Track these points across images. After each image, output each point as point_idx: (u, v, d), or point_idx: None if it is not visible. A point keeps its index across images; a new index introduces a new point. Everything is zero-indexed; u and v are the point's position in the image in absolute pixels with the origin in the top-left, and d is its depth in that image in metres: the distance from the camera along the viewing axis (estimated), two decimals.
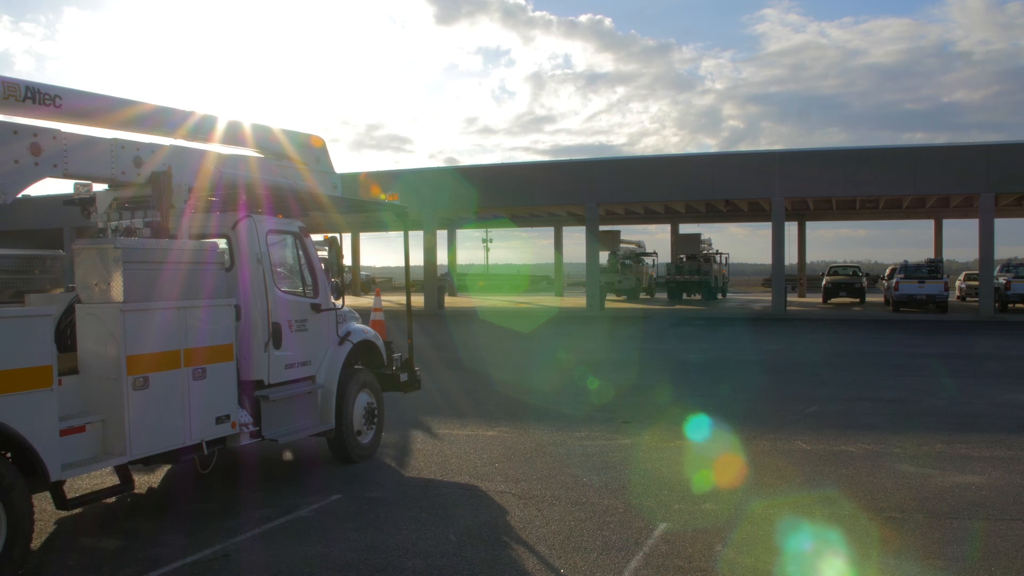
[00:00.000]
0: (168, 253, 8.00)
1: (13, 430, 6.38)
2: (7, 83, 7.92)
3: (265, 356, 9.20)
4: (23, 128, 7.93)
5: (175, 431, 7.91)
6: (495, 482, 9.53)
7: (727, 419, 13.17)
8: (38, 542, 7.53)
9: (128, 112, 8.90)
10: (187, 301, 8.01)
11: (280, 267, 9.87)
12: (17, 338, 6.51)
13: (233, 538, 7.88)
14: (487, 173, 44.55)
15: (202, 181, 9.31)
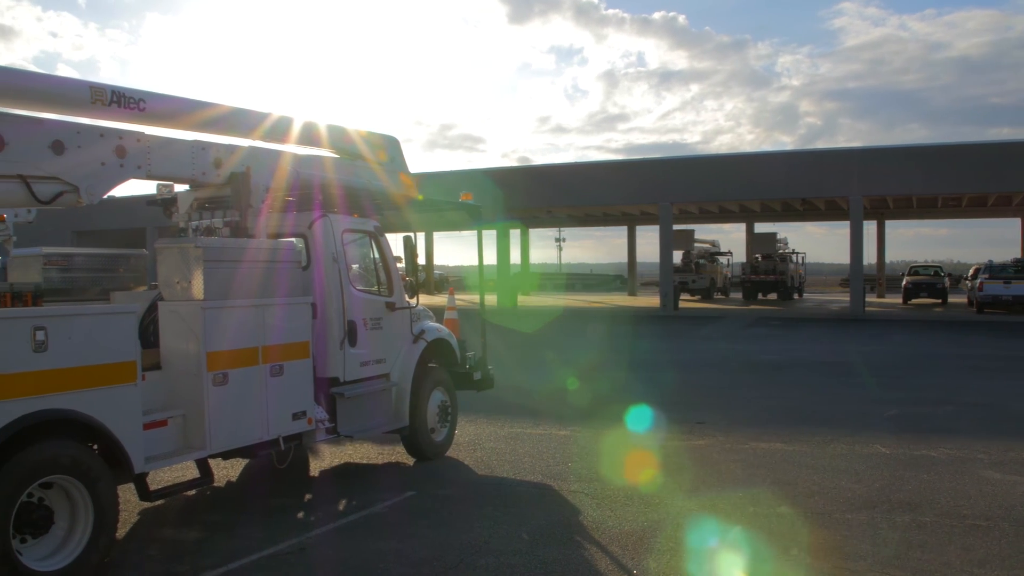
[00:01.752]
0: (247, 252, 8.15)
1: (99, 423, 6.57)
2: (94, 88, 8.15)
3: (341, 354, 9.31)
4: (109, 131, 8.15)
5: (253, 426, 8.06)
6: (568, 481, 9.51)
7: (803, 421, 12.96)
8: (122, 532, 7.73)
9: (207, 114, 9.08)
10: (265, 299, 8.15)
11: (355, 266, 9.99)
12: (103, 334, 6.70)
13: (308, 532, 8.00)
14: (560, 172, 44.53)
15: (279, 181, 9.46)
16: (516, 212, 46.00)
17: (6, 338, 6.02)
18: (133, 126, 8.41)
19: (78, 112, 8.13)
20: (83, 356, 6.47)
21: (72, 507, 6.50)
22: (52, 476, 6.32)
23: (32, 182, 7.53)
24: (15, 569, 5.99)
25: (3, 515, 5.94)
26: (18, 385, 6.02)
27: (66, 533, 6.48)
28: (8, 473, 5.98)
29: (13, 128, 7.44)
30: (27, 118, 7.66)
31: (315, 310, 8.98)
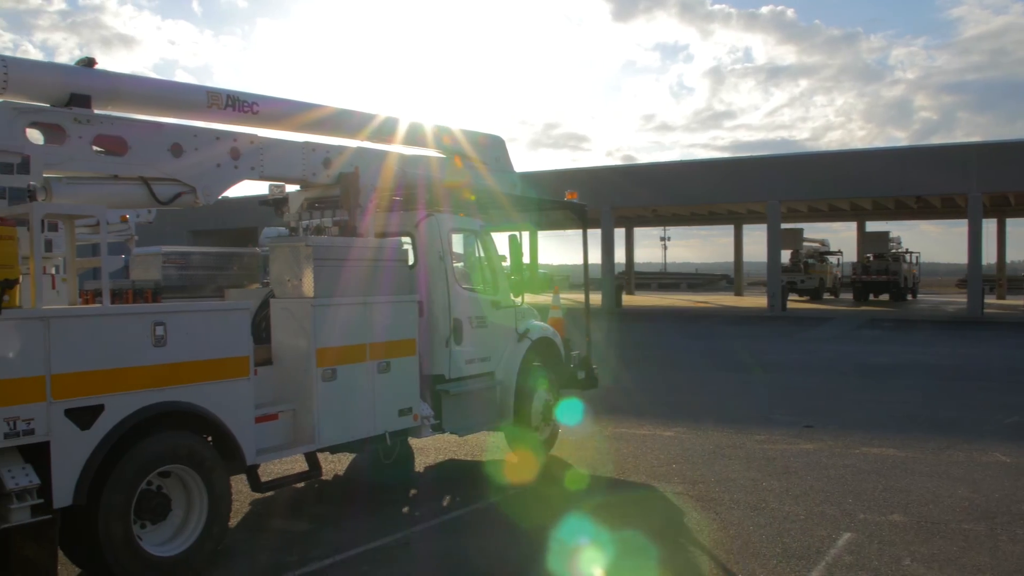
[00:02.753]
0: (355, 251, 8.31)
1: (214, 416, 6.79)
2: (210, 92, 8.44)
3: (446, 351, 9.41)
4: (224, 134, 8.43)
5: (360, 422, 8.21)
6: (672, 483, 9.42)
7: (917, 427, 12.56)
8: (234, 521, 7.97)
9: (316, 115, 9.29)
10: (373, 297, 8.30)
11: (461, 264, 10.08)
12: (218, 330, 6.92)
13: (413, 527, 8.12)
14: (665, 171, 44.11)
15: (386, 181, 9.62)
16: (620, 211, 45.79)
17: (129, 333, 6.29)
18: (247, 128, 8.68)
19: (195, 116, 8.43)
20: (199, 351, 6.70)
21: (188, 496, 6.75)
22: (170, 465, 6.58)
23: (152, 183, 7.83)
24: (136, 553, 6.26)
25: (125, 501, 6.20)
26: (139, 378, 6.28)
27: (182, 520, 6.74)
28: (130, 462, 6.24)
29: (135, 132, 7.74)
30: (148, 122, 7.97)
31: (421, 308, 9.10)
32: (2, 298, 5.59)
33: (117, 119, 7.74)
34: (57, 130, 7.30)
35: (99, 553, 6.13)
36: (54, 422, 5.80)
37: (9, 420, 5.57)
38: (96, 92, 7.59)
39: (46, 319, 5.83)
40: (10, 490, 5.54)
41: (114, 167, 7.70)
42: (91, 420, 6.00)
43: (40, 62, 7.74)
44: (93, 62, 7.76)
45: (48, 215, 6.75)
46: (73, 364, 5.91)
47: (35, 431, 5.71)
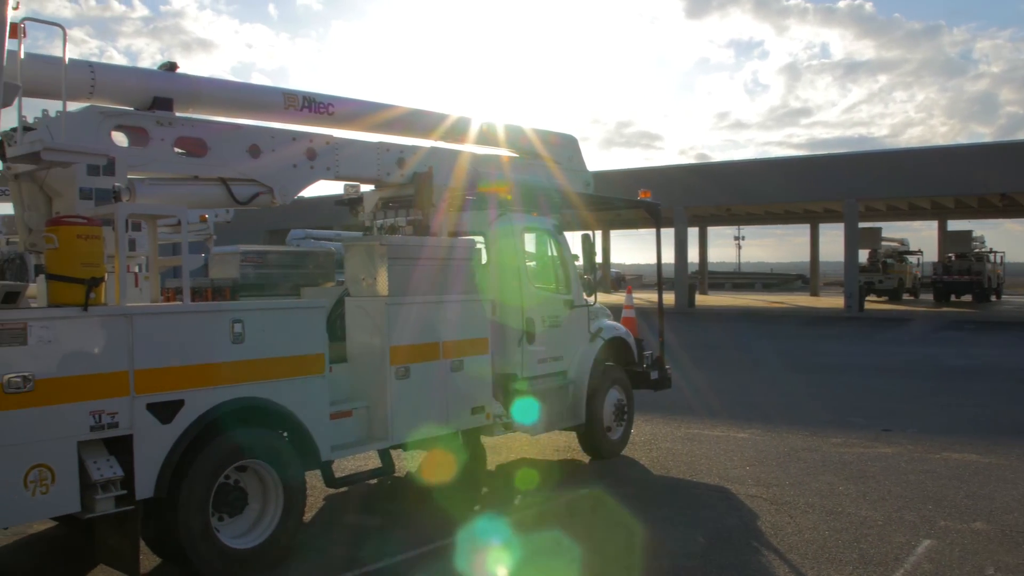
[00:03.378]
0: (429, 250, 8.38)
1: (290, 412, 6.91)
2: (287, 94, 8.60)
3: (519, 350, 9.43)
4: (300, 134, 8.58)
5: (433, 419, 8.27)
6: (746, 485, 9.30)
7: (1001, 432, 12.20)
8: (309, 516, 8.09)
9: (390, 116, 9.41)
10: (446, 296, 8.35)
11: (534, 264, 10.09)
12: (294, 327, 7.04)
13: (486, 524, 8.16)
14: (740, 169, 43.57)
15: (459, 180, 9.68)
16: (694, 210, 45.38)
17: (209, 330, 6.44)
18: (322, 129, 8.81)
19: (272, 117, 8.60)
20: (276, 348, 6.83)
21: (264, 490, 6.88)
22: (247, 460, 6.71)
23: (231, 184, 8.01)
24: (213, 545, 6.40)
25: (203, 494, 6.35)
26: (218, 374, 6.43)
27: (258, 514, 6.86)
28: (209, 456, 6.38)
29: (215, 134, 7.93)
30: (227, 124, 8.15)
31: (494, 307, 9.13)
32: (89, 295, 5.77)
33: (197, 121, 7.94)
34: (141, 133, 7.51)
35: (179, 544, 6.28)
36: (137, 416, 5.96)
37: (95, 413, 5.75)
38: (178, 95, 7.79)
39: (130, 316, 6.00)
40: (95, 481, 5.71)
41: (194, 168, 7.90)
42: (172, 415, 6.16)
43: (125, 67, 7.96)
44: (175, 66, 7.96)
45: (132, 215, 6.94)
46: (155, 360, 6.07)
47: (119, 424, 5.88)
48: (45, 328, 5.56)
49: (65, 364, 5.65)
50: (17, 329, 5.43)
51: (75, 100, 7.17)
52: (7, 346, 5.39)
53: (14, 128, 6.49)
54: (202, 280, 8.67)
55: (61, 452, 5.62)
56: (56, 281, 5.86)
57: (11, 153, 6.53)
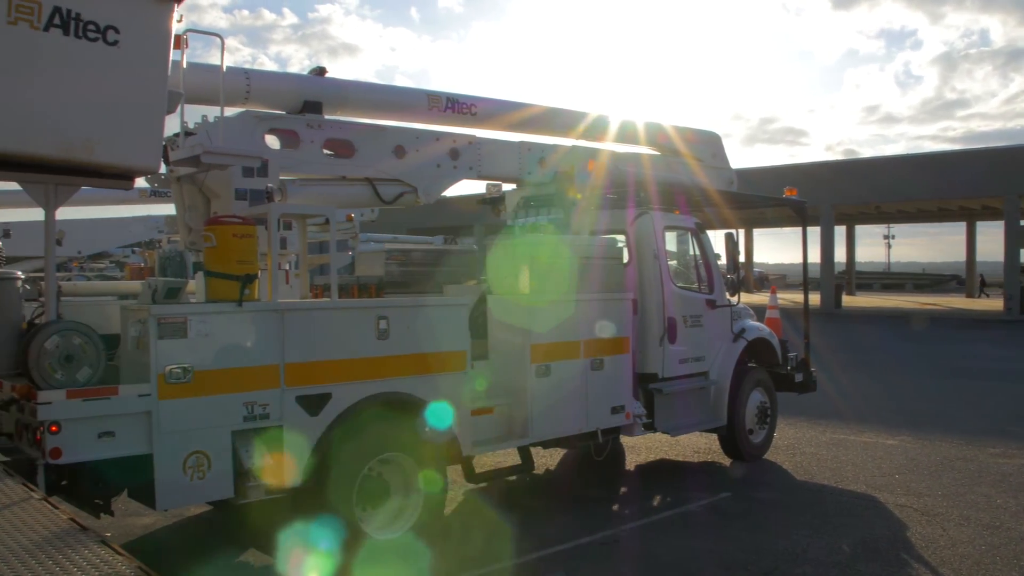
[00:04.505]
0: (570, 249, 8.38)
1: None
2: (431, 95, 8.77)
3: (660, 350, 9.35)
4: (444, 135, 8.74)
5: (573, 418, 8.27)
6: (895, 494, 8.95)
7: None
8: (449, 509, 8.18)
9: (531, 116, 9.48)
10: (587, 294, 8.34)
11: (674, 263, 9.98)
12: (437, 324, 7.15)
13: (622, 525, 8.11)
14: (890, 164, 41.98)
15: (599, 178, 9.65)
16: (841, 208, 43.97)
17: (355, 326, 6.61)
18: (465, 129, 8.95)
19: (416, 118, 8.79)
20: (419, 344, 6.96)
21: (406, 483, 7.01)
22: (390, 453, 6.86)
23: (377, 184, 8.22)
24: (358, 535, 6.57)
25: (349, 486, 6.53)
26: (364, 369, 6.60)
27: (400, 506, 7.00)
28: (355, 448, 6.56)
29: (362, 136, 8.16)
30: (373, 126, 8.37)
31: (635, 306, 9.07)
32: (243, 291, 6.02)
33: (345, 123, 8.19)
34: (292, 135, 7.80)
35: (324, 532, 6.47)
36: (286, 408, 6.18)
37: (248, 404, 5.99)
38: (327, 99, 8.05)
39: (281, 311, 6.23)
40: (248, 469, 5.95)
41: (342, 169, 8.15)
42: (319, 407, 6.36)
43: (277, 73, 8.29)
44: (324, 71, 8.23)
45: (284, 215, 7.19)
46: (304, 354, 6.28)
47: (269, 416, 6.11)
48: (203, 322, 5.83)
49: (221, 357, 5.91)
50: (178, 323, 5.71)
51: (232, 105, 7.50)
52: (169, 339, 5.67)
53: (177, 133, 6.84)
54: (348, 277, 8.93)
55: (217, 440, 5.88)
56: (213, 278, 6.14)
57: (174, 157, 6.89)
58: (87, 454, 5.47)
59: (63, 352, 5.68)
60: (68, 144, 5.40)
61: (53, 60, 5.28)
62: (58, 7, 5.22)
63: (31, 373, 5.60)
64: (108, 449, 5.54)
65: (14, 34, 5.10)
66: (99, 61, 5.44)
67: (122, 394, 5.59)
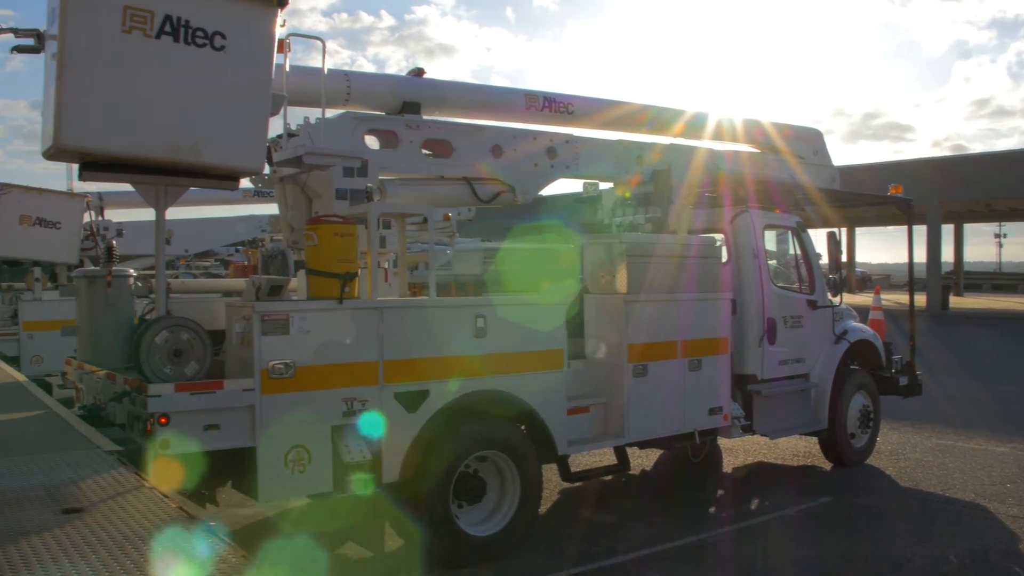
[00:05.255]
0: (668, 247, 8.31)
1: (528, 406, 7.05)
2: (528, 95, 8.79)
3: (759, 351, 9.20)
4: (541, 134, 8.75)
5: (669, 419, 8.20)
6: (1006, 504, 8.62)
7: None
8: (544, 508, 8.21)
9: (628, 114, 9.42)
10: (685, 294, 8.26)
11: (776, 262, 9.81)
12: (534, 323, 7.17)
13: (719, 528, 8.02)
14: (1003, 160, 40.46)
15: (697, 177, 9.55)
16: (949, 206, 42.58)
17: (454, 324, 6.68)
18: (562, 128, 8.95)
19: (513, 117, 8.82)
20: (516, 343, 6.99)
21: (502, 480, 7.05)
22: (487, 451, 6.90)
23: (475, 183, 8.28)
24: (453, 530, 6.64)
25: (446, 482, 6.59)
26: (462, 366, 6.66)
27: (495, 504, 7.04)
28: (451, 445, 6.62)
29: (460, 136, 8.23)
30: (471, 126, 8.43)
31: (734, 306, 8.94)
32: (344, 289, 6.13)
33: (443, 123, 8.27)
34: (391, 136, 7.91)
35: (420, 527, 6.54)
36: (385, 404, 6.28)
37: (347, 400, 6.10)
38: (425, 99, 8.15)
39: (380, 309, 6.33)
40: (347, 463, 6.06)
41: (440, 168, 8.23)
42: (417, 404, 6.44)
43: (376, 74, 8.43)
44: (422, 72, 8.33)
45: (383, 214, 7.29)
46: (402, 351, 6.37)
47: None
48: (305, 319, 5.96)
49: (322, 353, 6.03)
50: (281, 320, 5.85)
51: (333, 107, 7.64)
52: (272, 335, 5.82)
53: (280, 135, 7.00)
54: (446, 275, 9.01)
55: (317, 435, 6.00)
56: (315, 276, 6.27)
57: (277, 158, 7.06)
58: (194, 445, 5.64)
59: (172, 347, 5.88)
60: (178, 147, 5.58)
61: (164, 66, 5.45)
62: (169, 15, 5.39)
63: (142, 367, 5.81)
64: (213, 441, 5.71)
65: (128, 42, 5.29)
66: (207, 66, 5.60)
67: (227, 388, 5.76)
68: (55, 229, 14.42)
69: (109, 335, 6.83)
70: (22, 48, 5.95)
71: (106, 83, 5.30)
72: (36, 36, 5.86)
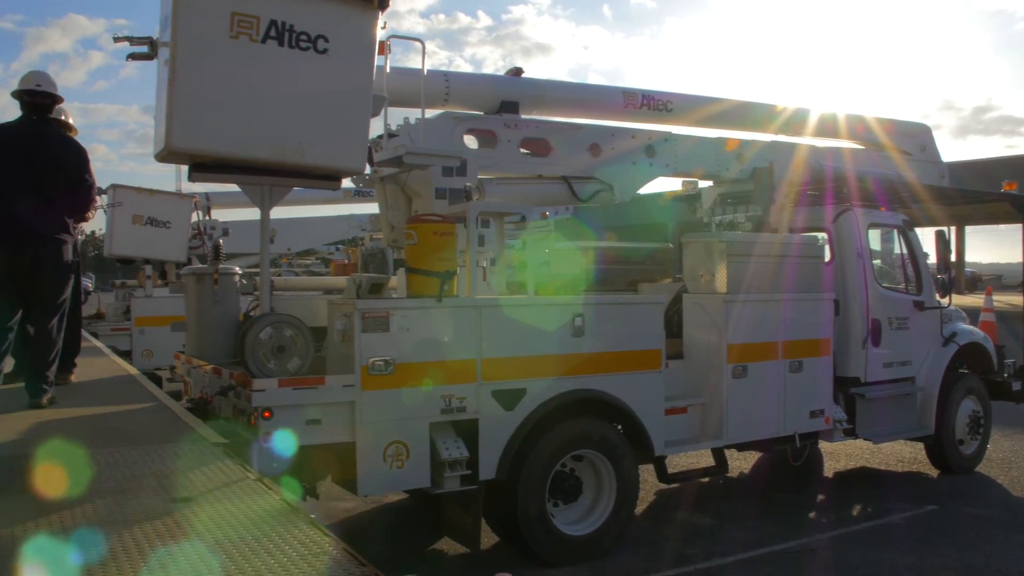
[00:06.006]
0: (769, 246, 8.16)
1: (626, 405, 7.01)
2: (626, 93, 8.76)
3: (863, 353, 8.96)
4: (640, 132, 8.70)
5: (769, 421, 8.06)
6: None
7: None
8: (640, 509, 8.14)
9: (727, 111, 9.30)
10: (786, 294, 8.10)
11: (881, 262, 9.55)
12: (632, 323, 7.13)
13: (820, 534, 7.85)
14: None
15: (799, 175, 9.37)
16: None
17: (552, 323, 6.67)
18: (661, 126, 8.88)
19: (611, 116, 8.79)
20: (614, 342, 6.95)
21: (598, 480, 7.02)
22: (583, 450, 6.89)
23: (573, 182, 8.27)
24: (548, 529, 6.64)
25: (541, 480, 6.60)
26: (560, 365, 6.65)
27: (591, 503, 7.02)
28: (547, 444, 6.62)
29: (558, 135, 8.24)
30: (568, 125, 8.44)
31: (837, 307, 8.73)
32: (443, 287, 6.19)
33: (542, 122, 8.29)
34: (489, 135, 7.96)
35: (515, 525, 6.58)
36: (483, 402, 6.31)
37: (446, 397, 6.15)
38: (523, 99, 8.18)
39: (479, 308, 6.37)
40: (444, 460, 6.11)
41: (538, 167, 8.26)
42: (514, 402, 6.45)
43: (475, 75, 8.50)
44: (520, 71, 8.36)
45: (482, 213, 7.33)
46: (500, 349, 6.39)
47: (466, 409, 6.25)
48: (404, 317, 6.04)
49: (420, 350, 6.09)
50: (381, 317, 5.94)
51: (432, 108, 7.72)
52: (372, 332, 5.90)
53: (380, 135, 7.10)
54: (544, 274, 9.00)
55: (415, 431, 6.07)
56: (414, 274, 6.34)
57: (378, 158, 7.17)
58: (296, 439, 5.77)
59: (276, 343, 6.01)
60: (282, 148, 5.69)
61: (269, 70, 5.57)
62: (274, 20, 5.51)
63: (246, 362, 5.96)
64: (315, 436, 5.82)
65: (235, 47, 5.42)
66: (310, 69, 5.70)
67: (328, 384, 5.86)
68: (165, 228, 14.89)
69: (215, 331, 7.03)
70: (136, 55, 6.16)
71: (215, 87, 5.45)
72: (149, 43, 6.05)
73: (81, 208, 7.49)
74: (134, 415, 6.94)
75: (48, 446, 5.63)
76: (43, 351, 7.19)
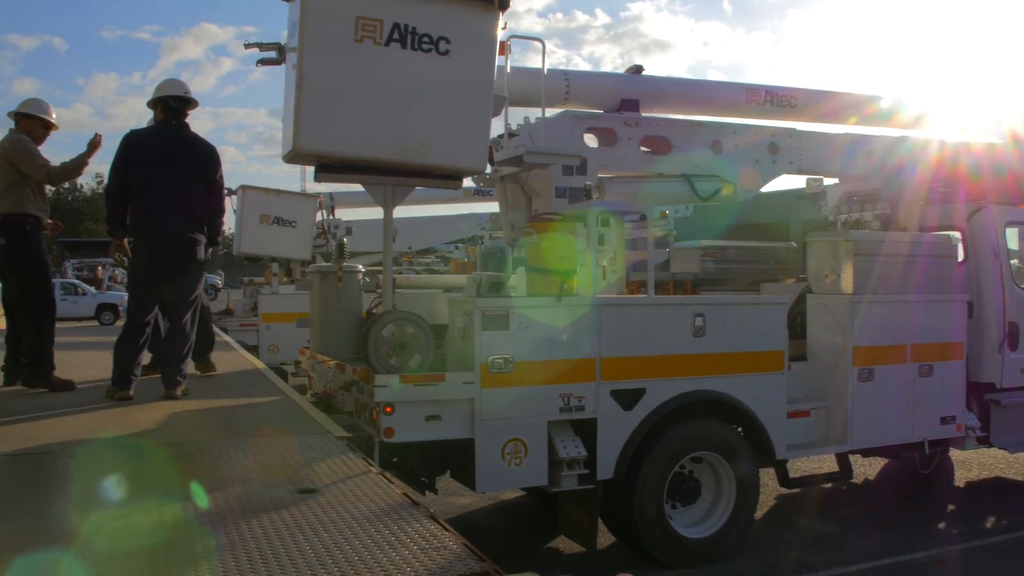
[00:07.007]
0: (898, 246, 7.89)
1: (747, 407, 6.88)
2: (749, 89, 8.63)
3: (998, 357, 8.57)
4: (763, 129, 8.54)
5: (896, 426, 7.79)
6: None
7: None
8: (760, 514, 8.00)
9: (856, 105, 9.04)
10: (916, 295, 7.82)
11: (1019, 262, 9.13)
12: (754, 323, 7.00)
13: (949, 545, 7.59)
14: None
15: (930, 171, 9.04)
16: None
17: (671, 322, 6.61)
18: (785, 123, 8.70)
19: (734, 112, 8.66)
20: (735, 343, 6.83)
21: (717, 483, 6.92)
22: (702, 452, 6.80)
23: (694, 180, 8.18)
24: (666, 530, 6.58)
25: (659, 481, 6.54)
26: (679, 365, 6.58)
27: (710, 506, 6.93)
28: (665, 445, 6.56)
29: (679, 132, 8.16)
30: (689, 122, 8.36)
31: (971, 309, 8.39)
32: (562, 286, 6.20)
33: (662, 120, 8.23)
34: (609, 134, 7.94)
35: (633, 526, 6.53)
36: (601, 401, 6.29)
37: (564, 396, 6.16)
38: (643, 97, 8.13)
39: (598, 307, 6.35)
40: (562, 458, 6.12)
41: (659, 165, 8.20)
42: (633, 402, 6.41)
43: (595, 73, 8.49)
44: (640, 69, 8.32)
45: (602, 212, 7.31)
46: (620, 349, 6.36)
47: (585, 408, 6.24)
48: (524, 315, 6.06)
49: (540, 349, 6.11)
50: (501, 315, 5.98)
51: (552, 107, 7.75)
52: (492, 330, 5.96)
53: (501, 135, 7.16)
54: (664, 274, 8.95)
55: (534, 429, 6.09)
56: (534, 273, 6.37)
57: (498, 157, 7.23)
58: (416, 435, 5.87)
59: (398, 340, 6.12)
60: (405, 148, 5.80)
61: (393, 72, 5.69)
62: (397, 23, 5.61)
63: (369, 358, 6.09)
64: (435, 431, 5.91)
65: (360, 50, 5.55)
66: (432, 70, 5.79)
67: (448, 381, 5.94)
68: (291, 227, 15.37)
69: (339, 327, 7.21)
70: (265, 61, 6.37)
71: (340, 90, 5.59)
72: (278, 49, 6.25)
73: (217, 209, 7.76)
74: (261, 408, 7.16)
75: (180, 435, 5.86)
76: (177, 345, 7.48)
